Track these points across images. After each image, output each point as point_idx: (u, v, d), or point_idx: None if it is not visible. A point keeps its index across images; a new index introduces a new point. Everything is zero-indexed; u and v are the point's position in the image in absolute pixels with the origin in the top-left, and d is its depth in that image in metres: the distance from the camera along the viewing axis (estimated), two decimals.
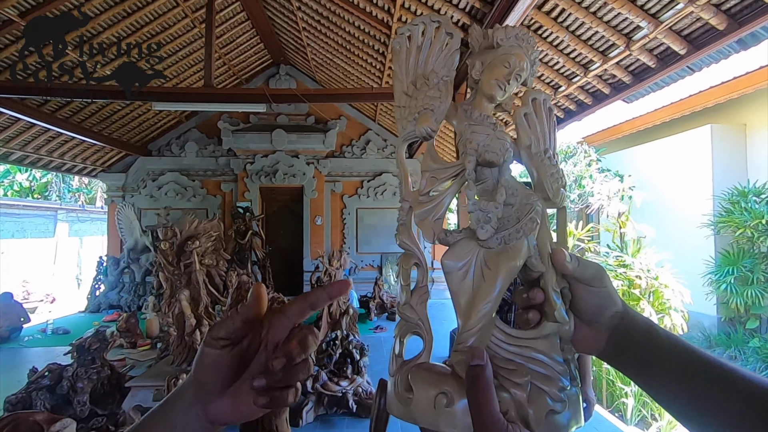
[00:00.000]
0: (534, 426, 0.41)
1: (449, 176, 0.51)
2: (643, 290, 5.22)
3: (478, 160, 0.50)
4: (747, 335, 5.92)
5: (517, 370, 0.43)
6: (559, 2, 3.08)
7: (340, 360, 3.58)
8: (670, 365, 0.44)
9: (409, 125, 0.52)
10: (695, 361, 0.44)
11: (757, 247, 5.76)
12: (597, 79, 3.71)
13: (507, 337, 0.45)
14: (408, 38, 0.53)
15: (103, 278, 7.60)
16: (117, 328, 4.84)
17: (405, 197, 0.50)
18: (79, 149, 7.14)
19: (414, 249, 0.49)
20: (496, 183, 0.50)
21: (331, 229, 8.16)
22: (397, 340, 0.48)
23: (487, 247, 0.48)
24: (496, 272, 0.46)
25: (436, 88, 0.52)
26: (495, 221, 0.47)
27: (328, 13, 5.28)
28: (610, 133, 8.92)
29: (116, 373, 3.19)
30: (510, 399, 0.41)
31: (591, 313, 0.48)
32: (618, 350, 0.48)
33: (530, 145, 0.54)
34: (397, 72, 0.54)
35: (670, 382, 0.44)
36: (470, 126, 0.51)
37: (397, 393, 0.45)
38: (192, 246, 3.37)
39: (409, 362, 0.46)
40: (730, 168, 6.64)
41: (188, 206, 7.80)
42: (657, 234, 7.15)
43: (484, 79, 0.52)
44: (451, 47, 0.53)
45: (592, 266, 0.48)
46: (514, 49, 0.52)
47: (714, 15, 2.51)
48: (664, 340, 0.46)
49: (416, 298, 0.48)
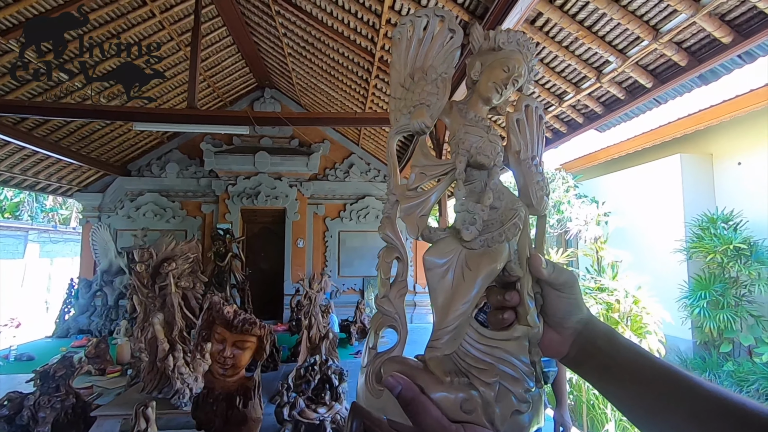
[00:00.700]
0: (499, 424, 0.42)
1: (439, 174, 0.51)
2: (622, 314, 5.30)
3: (469, 162, 0.51)
4: (721, 359, 6.03)
5: (488, 370, 0.44)
6: (534, 36, 3.24)
7: (318, 386, 3.49)
8: (629, 369, 0.47)
9: (403, 118, 0.52)
10: (651, 367, 0.46)
11: (727, 272, 5.95)
12: (571, 108, 3.87)
13: (480, 337, 0.46)
14: (410, 28, 0.53)
15: (74, 301, 7.28)
16: (86, 353, 4.63)
17: (393, 190, 0.50)
18: (55, 168, 6.99)
19: (396, 243, 0.49)
20: (485, 186, 0.51)
21: (313, 251, 8.09)
22: (372, 333, 0.48)
23: (470, 248, 0.48)
24: (477, 273, 0.47)
25: (434, 83, 0.51)
26: (480, 223, 0.48)
27: (314, 40, 5.41)
28: (587, 161, 9.23)
29: (82, 401, 3.04)
30: (478, 397, 0.42)
31: (559, 318, 0.50)
32: (581, 355, 0.50)
33: (519, 151, 0.55)
34: (395, 62, 0.53)
35: (628, 385, 0.46)
36: (464, 126, 0.51)
37: (368, 385, 0.45)
38: (168, 268, 3.29)
39: (382, 355, 0.46)
40: (699, 195, 6.92)
41: (167, 227, 7.64)
42: (633, 259, 7.32)
43: (482, 80, 0.53)
44: (452, 44, 0.53)
45: (565, 273, 0.51)
46: (514, 54, 0.53)
47: (676, 52, 2.68)
48: (624, 347, 0.48)
49: (395, 292, 0.48)
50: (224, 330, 2.40)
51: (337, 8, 4.42)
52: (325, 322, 5.19)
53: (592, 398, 5.00)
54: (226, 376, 2.36)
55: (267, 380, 4.18)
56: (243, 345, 2.42)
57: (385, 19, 4.01)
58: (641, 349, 0.48)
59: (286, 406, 3.17)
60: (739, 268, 5.76)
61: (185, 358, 2.97)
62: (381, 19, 4.04)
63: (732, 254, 5.77)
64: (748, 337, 5.71)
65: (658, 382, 0.44)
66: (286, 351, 5.47)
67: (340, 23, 4.66)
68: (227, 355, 2.34)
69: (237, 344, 2.40)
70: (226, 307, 2.43)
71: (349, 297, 7.88)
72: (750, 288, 5.78)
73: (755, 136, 6.21)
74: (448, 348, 0.45)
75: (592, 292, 5.85)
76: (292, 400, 3.23)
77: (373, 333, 0.48)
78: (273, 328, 6.14)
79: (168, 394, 3.00)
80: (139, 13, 4.90)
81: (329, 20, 4.74)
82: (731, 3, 2.27)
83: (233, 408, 2.27)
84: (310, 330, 4.81)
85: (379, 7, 3.95)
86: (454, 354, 0.46)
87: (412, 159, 0.51)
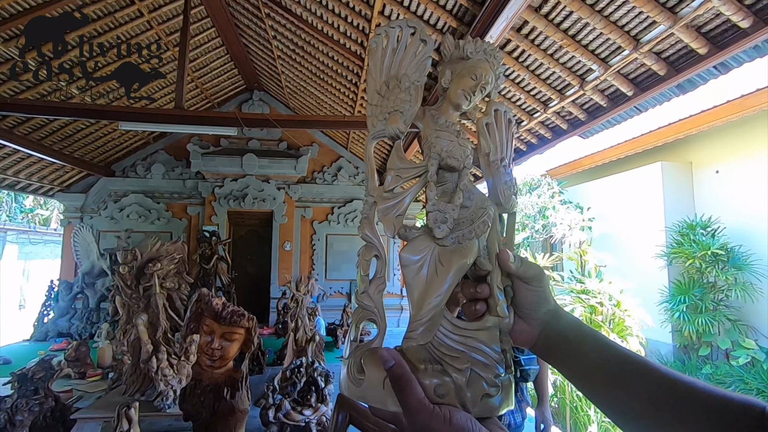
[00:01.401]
0: (470, 407, 0.45)
1: (413, 176, 0.54)
2: (606, 316, 5.40)
3: (440, 164, 0.54)
4: (700, 362, 6.17)
5: (460, 357, 0.47)
6: (520, 44, 3.32)
7: (304, 388, 3.47)
8: (592, 356, 0.50)
9: (379, 124, 0.54)
10: (613, 353, 0.50)
11: (706, 277, 6.11)
12: (555, 115, 3.96)
13: (454, 328, 0.49)
14: (385, 39, 0.56)
15: (53, 304, 7.10)
16: (65, 356, 4.52)
17: (370, 192, 0.52)
18: (36, 167, 6.83)
19: (375, 241, 0.52)
20: (455, 187, 0.54)
21: (300, 254, 8.06)
22: (353, 326, 0.51)
23: (442, 245, 0.51)
24: (449, 268, 0.50)
25: (407, 91, 0.54)
26: (451, 222, 0.51)
27: (303, 43, 5.43)
28: (572, 167, 9.41)
29: (61, 404, 2.97)
30: (451, 382, 0.45)
31: (528, 309, 0.54)
32: (548, 344, 0.54)
33: (489, 153, 0.58)
34: (372, 71, 0.56)
35: (592, 371, 0.50)
36: (435, 131, 0.54)
37: (350, 375, 0.47)
38: (153, 268, 3.25)
39: (362, 346, 0.49)
40: (680, 202, 7.11)
41: (151, 229, 7.51)
42: (616, 263, 7.47)
43: (452, 88, 0.56)
44: (424, 54, 0.55)
45: (534, 267, 0.54)
46: (481, 63, 0.56)
47: (655, 62, 2.77)
48: (588, 336, 0.52)
49: (374, 288, 0.51)
50: (213, 322, 2.39)
51: (327, 12, 4.45)
52: (312, 325, 5.17)
53: (576, 400, 5.07)
54: (214, 368, 2.35)
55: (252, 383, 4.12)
56: (231, 337, 2.43)
57: (375, 23, 4.06)
58: (604, 338, 0.52)
59: (271, 408, 3.14)
60: (717, 274, 5.92)
61: (169, 360, 2.93)
62: (371, 23, 4.08)
63: (710, 260, 5.94)
64: (725, 340, 5.86)
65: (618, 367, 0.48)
66: (272, 354, 5.42)
67: (330, 27, 4.69)
68: (215, 346, 2.33)
69: (225, 336, 2.40)
70: (214, 299, 2.43)
71: (336, 300, 7.86)
72: (727, 293, 5.94)
73: (732, 146, 6.42)
74: (423, 338, 0.48)
75: (576, 295, 5.95)
76: (277, 402, 3.21)
77: (354, 326, 0.51)
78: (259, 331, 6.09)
79: (151, 396, 2.95)
80: (126, 13, 4.86)
81: (319, 24, 4.77)
82: (707, 16, 2.36)
83: (221, 399, 2.26)
84: (297, 333, 4.79)
85: (368, 11, 3.99)
86: (429, 344, 0.48)
87: (388, 162, 0.54)
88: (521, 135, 4.60)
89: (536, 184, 9.59)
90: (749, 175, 6.16)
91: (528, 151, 4.80)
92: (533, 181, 9.71)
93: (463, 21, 3.34)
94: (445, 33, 3.61)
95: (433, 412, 0.41)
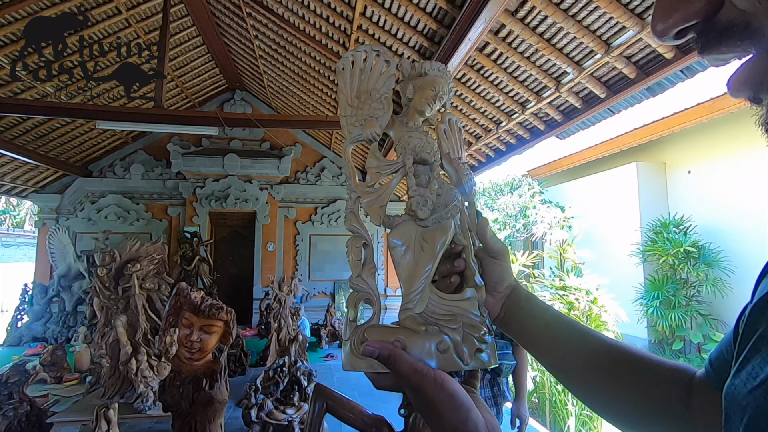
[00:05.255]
0: (467, 359, 0.52)
1: (391, 171, 0.61)
2: (582, 312, 5.54)
3: (415, 159, 0.61)
4: (674, 356, 6.38)
5: (452, 319, 0.54)
6: (498, 46, 3.39)
7: (287, 387, 3.48)
8: (543, 322, 0.59)
9: (355, 129, 0.61)
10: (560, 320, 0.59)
11: (678, 274, 6.32)
12: (533, 116, 4.05)
13: (440, 300, 0.56)
14: (351, 62, 0.63)
15: (28, 308, 6.91)
16: (41, 361, 4.42)
17: (353, 189, 0.59)
18: (9, 167, 6.64)
19: (361, 231, 0.58)
20: (428, 178, 0.62)
21: (283, 255, 8.03)
22: (351, 308, 0.56)
23: (424, 226, 0.59)
24: (433, 244, 0.57)
25: (379, 101, 0.62)
26: (431, 204, 0.59)
27: (285, 43, 5.42)
28: (552, 167, 9.60)
29: (36, 408, 2.91)
30: (449, 340, 0.52)
31: (494, 282, 0.61)
32: (508, 315, 0.61)
33: (449, 152, 0.67)
34: (342, 87, 0.64)
35: (542, 335, 0.59)
36: (407, 132, 0.63)
37: (353, 351, 0.52)
38: (132, 269, 3.21)
39: (362, 326, 0.54)
40: (654, 201, 7.33)
41: (130, 230, 7.38)
42: (594, 261, 7.66)
43: (416, 98, 0.64)
44: (388, 72, 0.64)
45: (500, 242, 0.62)
46: (438, 78, 0.65)
47: (626, 65, 2.88)
48: (540, 304, 0.61)
49: (366, 271, 0.56)
50: (191, 315, 2.41)
51: (309, 12, 4.46)
52: (295, 326, 5.17)
53: (555, 394, 5.19)
54: (193, 360, 2.37)
55: (235, 384, 4.12)
56: (210, 329, 2.45)
57: (357, 24, 4.09)
58: (554, 309, 0.61)
59: (253, 407, 3.15)
60: (689, 270, 6.13)
61: (149, 361, 2.91)
62: (352, 24, 4.11)
63: (682, 257, 6.14)
64: (697, 335, 6.07)
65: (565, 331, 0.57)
66: (255, 355, 5.40)
67: (312, 27, 4.70)
68: (194, 339, 2.34)
69: (204, 328, 2.42)
70: (193, 292, 2.44)
71: (319, 301, 7.85)
72: (699, 288, 6.16)
73: (703, 147, 6.66)
74: (418, 308, 0.55)
75: (555, 291, 6.08)
76: (260, 401, 3.21)
77: (352, 308, 0.56)
78: (242, 332, 6.04)
79: (130, 398, 2.93)
80: (104, 10, 4.79)
81: (301, 24, 4.77)
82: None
83: (200, 390, 2.28)
84: (280, 333, 4.78)
85: (350, 12, 4.02)
86: (423, 313, 0.55)
87: (367, 163, 0.62)
88: (501, 136, 4.69)
89: (517, 184, 9.76)
90: (719, 175, 6.40)
91: (507, 152, 4.90)
92: (514, 181, 9.88)
93: (443, 23, 3.41)
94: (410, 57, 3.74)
95: (425, 374, 0.46)
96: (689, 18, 0.31)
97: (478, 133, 4.89)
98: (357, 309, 0.56)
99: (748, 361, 0.32)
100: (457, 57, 3.10)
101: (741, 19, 0.29)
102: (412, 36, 3.74)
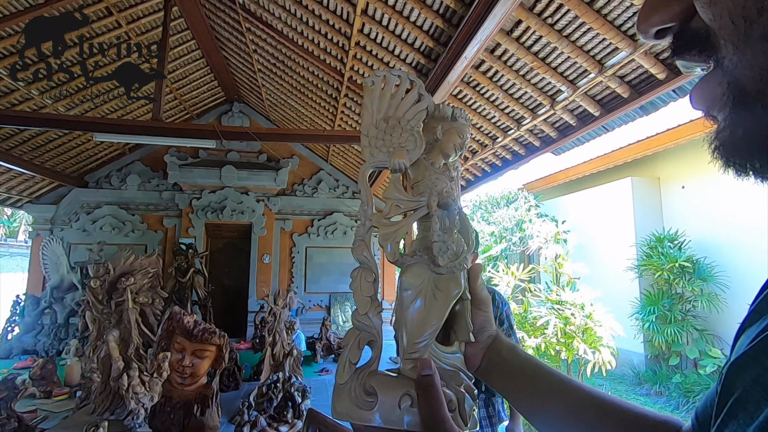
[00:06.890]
0: (467, 419, 0.50)
1: (411, 208, 0.59)
2: (578, 327, 5.52)
3: (439, 202, 0.59)
4: (670, 371, 6.36)
5: (455, 376, 0.53)
6: (494, 64, 3.44)
7: (281, 404, 3.44)
8: (524, 374, 0.56)
9: (380, 154, 0.59)
10: (543, 372, 0.55)
11: (674, 289, 6.33)
12: (528, 132, 4.10)
13: (438, 354, 0.54)
14: (383, 82, 0.61)
15: (19, 319, 6.81)
16: (30, 375, 4.34)
17: (369, 217, 0.56)
18: (4, 178, 6.61)
19: (371, 265, 0.55)
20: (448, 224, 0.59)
21: (279, 267, 7.98)
22: (354, 349, 0.52)
23: (438, 273, 0.56)
24: (447, 294, 0.55)
25: (410, 133, 0.59)
26: (452, 253, 0.56)
27: (284, 58, 5.48)
28: (548, 182, 9.68)
29: (25, 424, 2.86)
30: (454, 397, 0.50)
31: (476, 332, 0.58)
32: (489, 365, 0.58)
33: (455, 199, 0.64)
34: (368, 104, 0.61)
35: (524, 387, 0.55)
36: (434, 174, 0.60)
37: (354, 399, 0.49)
38: (126, 283, 3.19)
39: (361, 370, 0.51)
40: (649, 216, 7.38)
41: (126, 241, 7.33)
42: (590, 275, 7.67)
43: (444, 141, 0.62)
44: (420, 106, 0.61)
45: (485, 290, 0.59)
46: (465, 127, 0.64)
47: (619, 85, 2.93)
48: (522, 357, 0.57)
49: (373, 310, 0.54)
50: (184, 339, 2.38)
51: (308, 29, 4.52)
52: (290, 340, 5.11)
53: None
54: (184, 385, 2.32)
55: (228, 399, 4.06)
56: (202, 354, 2.41)
57: (354, 41, 4.14)
58: (536, 360, 0.58)
59: (246, 424, 3.09)
60: (684, 285, 6.15)
61: (141, 377, 2.87)
62: (350, 41, 4.17)
63: (677, 272, 6.16)
64: (693, 350, 6.06)
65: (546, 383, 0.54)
66: (249, 369, 5.33)
67: (310, 43, 4.75)
68: (186, 364, 2.31)
69: (196, 353, 2.38)
70: (186, 317, 2.41)
71: (315, 314, 7.79)
72: (694, 303, 6.17)
73: (696, 162, 6.74)
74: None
75: (551, 306, 6.07)
76: (253, 418, 3.16)
77: (356, 348, 0.52)
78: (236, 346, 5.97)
79: (121, 415, 2.87)
80: (104, 23, 4.83)
81: (300, 39, 4.83)
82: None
83: (191, 416, 2.23)
84: (274, 347, 4.73)
85: (348, 29, 4.08)
86: None
87: (386, 192, 0.59)
88: (497, 151, 4.73)
89: (513, 197, 9.81)
90: (712, 190, 6.46)
91: (503, 167, 4.94)
92: (510, 195, 9.93)
93: (439, 41, 3.46)
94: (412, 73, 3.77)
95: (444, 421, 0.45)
96: (666, 20, 0.33)
97: (475, 149, 4.93)
98: (360, 351, 0.52)
99: (725, 425, 0.30)
100: (454, 74, 3.15)
101: (704, 30, 0.30)
102: (409, 53, 3.79)
